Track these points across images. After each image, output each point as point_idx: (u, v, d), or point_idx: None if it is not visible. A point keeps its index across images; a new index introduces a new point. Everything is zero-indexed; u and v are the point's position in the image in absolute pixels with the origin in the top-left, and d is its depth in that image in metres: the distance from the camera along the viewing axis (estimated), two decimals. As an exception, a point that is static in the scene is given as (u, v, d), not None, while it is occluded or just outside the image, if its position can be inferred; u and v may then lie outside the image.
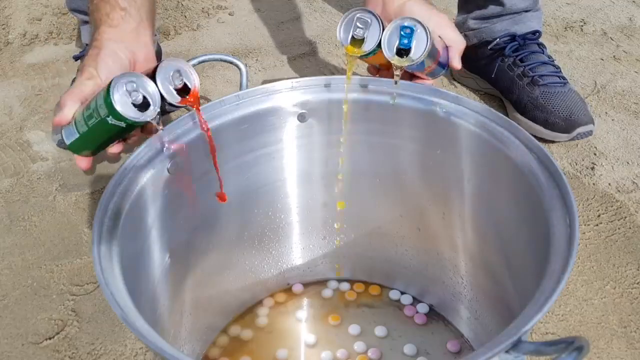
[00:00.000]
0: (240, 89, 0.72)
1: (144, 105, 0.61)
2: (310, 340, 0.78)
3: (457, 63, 0.75)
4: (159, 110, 0.62)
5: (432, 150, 0.71)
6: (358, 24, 0.66)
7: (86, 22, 1.19)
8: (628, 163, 1.06)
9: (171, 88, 0.62)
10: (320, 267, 0.84)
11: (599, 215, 0.97)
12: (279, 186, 0.77)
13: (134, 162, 0.63)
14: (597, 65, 1.28)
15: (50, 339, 0.83)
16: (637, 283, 0.87)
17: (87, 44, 1.20)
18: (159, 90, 0.61)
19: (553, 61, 1.14)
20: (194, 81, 0.63)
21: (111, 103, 0.59)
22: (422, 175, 0.74)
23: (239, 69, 0.73)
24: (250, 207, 0.76)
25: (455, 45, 0.74)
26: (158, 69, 0.61)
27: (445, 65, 0.74)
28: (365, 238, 0.81)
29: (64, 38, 1.45)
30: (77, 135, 0.65)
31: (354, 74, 0.70)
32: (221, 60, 0.74)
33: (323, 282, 0.85)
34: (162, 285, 0.66)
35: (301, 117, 0.73)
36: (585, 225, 0.95)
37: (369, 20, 0.66)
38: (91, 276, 0.91)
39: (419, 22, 0.65)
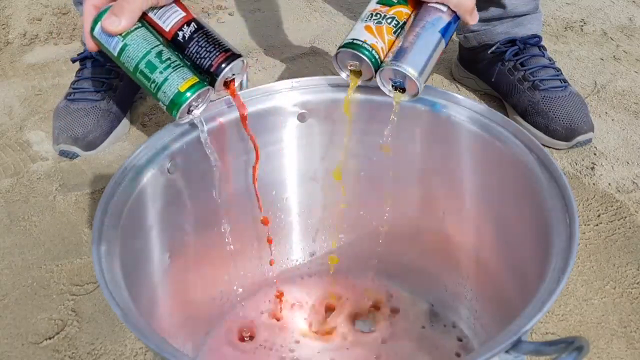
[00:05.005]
0: (240, 88, 0.72)
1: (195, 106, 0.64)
2: (310, 339, 0.78)
3: (471, 20, 0.70)
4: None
5: (432, 150, 0.71)
6: (349, 62, 0.67)
7: None
8: (628, 163, 1.06)
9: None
10: (320, 267, 0.84)
11: (599, 215, 0.97)
12: (279, 186, 0.77)
13: (134, 162, 0.63)
14: (597, 65, 1.28)
15: (50, 339, 0.83)
16: (637, 283, 0.87)
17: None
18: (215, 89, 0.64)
19: (554, 63, 1.14)
20: (243, 82, 0.68)
21: (175, 113, 0.62)
22: (422, 175, 0.74)
23: (239, 69, 0.73)
24: (251, 207, 0.76)
25: (461, 9, 0.68)
26: (227, 68, 0.63)
27: (456, 27, 0.70)
28: (366, 238, 0.81)
29: (64, 38, 1.44)
30: (114, 55, 0.62)
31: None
32: (221, 60, 0.74)
33: (323, 282, 0.84)
34: (162, 285, 0.66)
35: (301, 117, 0.73)
36: (585, 225, 0.95)
37: (358, 61, 0.66)
38: (91, 276, 0.91)
39: (407, 75, 0.64)
